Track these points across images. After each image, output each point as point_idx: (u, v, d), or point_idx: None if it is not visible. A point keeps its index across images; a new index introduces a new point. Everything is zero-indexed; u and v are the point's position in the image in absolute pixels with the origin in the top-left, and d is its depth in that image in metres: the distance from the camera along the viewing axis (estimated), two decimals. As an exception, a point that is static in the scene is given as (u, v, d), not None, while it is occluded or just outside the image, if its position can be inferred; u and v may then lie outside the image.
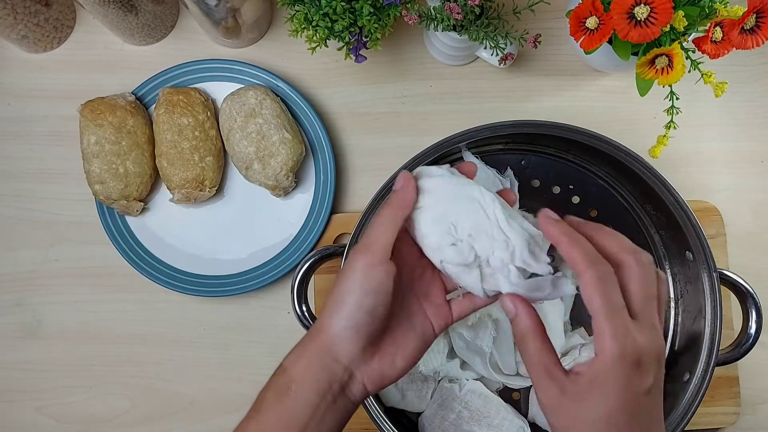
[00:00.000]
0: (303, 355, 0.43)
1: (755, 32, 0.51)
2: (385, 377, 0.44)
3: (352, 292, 0.42)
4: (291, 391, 0.42)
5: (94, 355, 0.72)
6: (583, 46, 0.55)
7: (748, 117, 0.74)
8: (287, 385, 0.42)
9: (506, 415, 0.63)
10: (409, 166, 0.61)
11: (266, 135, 0.68)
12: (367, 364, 0.43)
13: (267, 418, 0.42)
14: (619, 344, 0.38)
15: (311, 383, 0.42)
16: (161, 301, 0.72)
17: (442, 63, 0.74)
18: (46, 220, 0.74)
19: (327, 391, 0.42)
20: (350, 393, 0.43)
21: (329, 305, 0.43)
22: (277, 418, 0.42)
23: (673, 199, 0.60)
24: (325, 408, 0.42)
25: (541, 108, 0.74)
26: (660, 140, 0.56)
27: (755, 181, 0.73)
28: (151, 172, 0.71)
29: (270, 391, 0.43)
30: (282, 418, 0.42)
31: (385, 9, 0.60)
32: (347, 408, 0.44)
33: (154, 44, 0.76)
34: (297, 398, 0.42)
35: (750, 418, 0.70)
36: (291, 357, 0.44)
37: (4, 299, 0.73)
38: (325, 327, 0.43)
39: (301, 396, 0.42)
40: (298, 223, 0.71)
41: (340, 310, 0.42)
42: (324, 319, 0.43)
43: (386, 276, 0.42)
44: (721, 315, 0.59)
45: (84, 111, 0.69)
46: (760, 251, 0.72)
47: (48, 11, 0.71)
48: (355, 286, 0.42)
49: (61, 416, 0.72)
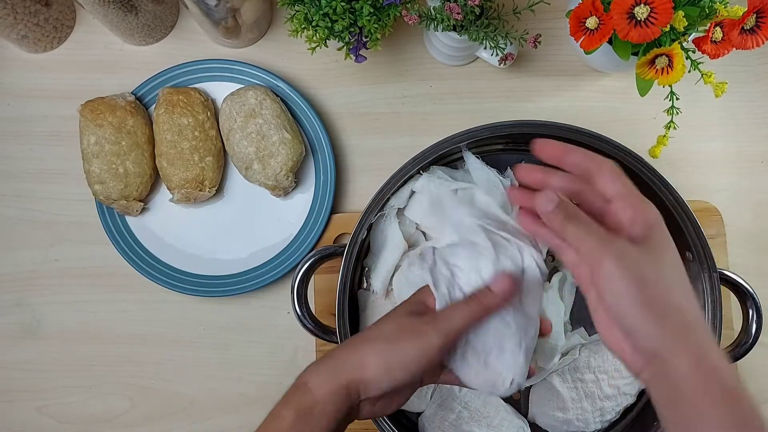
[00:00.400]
0: (332, 384, 0.44)
1: (755, 32, 0.51)
2: (382, 414, 0.47)
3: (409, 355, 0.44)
4: (314, 414, 0.43)
5: (94, 355, 0.72)
6: (583, 46, 0.55)
7: (748, 117, 0.74)
8: (311, 407, 0.43)
9: (506, 415, 0.63)
10: (409, 166, 0.61)
11: (266, 135, 0.68)
12: (371, 403, 0.46)
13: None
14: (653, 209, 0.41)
15: (331, 414, 0.43)
16: (161, 301, 0.72)
17: (442, 63, 0.74)
18: (46, 220, 0.74)
19: (342, 421, 0.44)
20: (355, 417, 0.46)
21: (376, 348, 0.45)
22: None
23: (673, 199, 0.60)
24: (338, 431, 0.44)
25: (541, 108, 0.74)
26: (660, 140, 0.56)
27: (755, 181, 0.73)
28: (150, 172, 0.71)
29: (292, 408, 0.43)
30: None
31: (385, 9, 0.60)
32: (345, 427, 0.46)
33: (154, 44, 0.76)
34: (319, 423, 0.43)
35: (750, 418, 0.70)
36: (316, 378, 0.44)
37: (4, 299, 0.73)
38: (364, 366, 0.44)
39: (322, 421, 0.43)
40: (298, 223, 0.71)
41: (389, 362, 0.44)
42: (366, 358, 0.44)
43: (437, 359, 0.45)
44: (721, 315, 0.59)
45: (84, 111, 0.69)
46: (760, 251, 0.72)
47: (48, 11, 0.71)
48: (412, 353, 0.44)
49: (61, 416, 0.72)
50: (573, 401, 0.63)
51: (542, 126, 0.62)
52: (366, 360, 0.44)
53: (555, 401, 0.64)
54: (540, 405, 0.65)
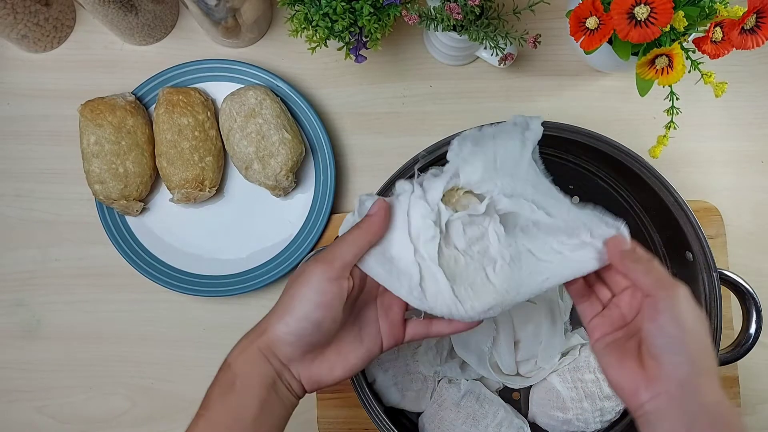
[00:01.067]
0: (246, 352, 0.44)
1: (755, 32, 0.51)
2: (322, 382, 0.46)
3: (303, 300, 0.43)
4: (236, 387, 0.44)
5: (94, 355, 0.72)
6: (583, 46, 0.55)
7: (748, 117, 0.74)
8: (232, 380, 0.44)
9: (506, 415, 0.63)
10: (408, 166, 0.61)
11: (266, 135, 0.68)
12: (305, 367, 0.45)
13: (215, 413, 0.44)
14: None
15: (254, 379, 0.44)
16: (161, 301, 0.72)
17: (442, 63, 0.74)
18: (46, 220, 0.74)
19: (270, 386, 0.44)
20: (291, 389, 0.45)
21: (278, 307, 0.45)
22: (225, 412, 0.43)
23: (673, 199, 0.60)
24: (269, 401, 0.44)
25: (541, 108, 0.74)
26: (660, 140, 0.56)
27: (755, 181, 0.73)
28: (150, 172, 0.71)
29: (216, 387, 0.45)
30: (229, 412, 0.43)
31: (385, 9, 0.60)
32: (290, 401, 0.46)
33: (154, 44, 0.76)
34: (242, 393, 0.43)
35: (750, 418, 0.70)
36: (234, 352, 0.45)
37: (4, 299, 0.73)
38: (270, 328, 0.44)
39: (245, 391, 0.43)
40: (298, 223, 0.71)
41: (287, 316, 0.44)
42: (270, 320, 0.44)
43: (339, 292, 0.44)
44: (721, 315, 0.59)
45: (84, 111, 0.69)
46: (760, 251, 0.72)
47: (48, 11, 0.71)
48: (307, 296, 0.43)
49: (61, 416, 0.72)
50: (573, 401, 0.63)
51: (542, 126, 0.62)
52: (269, 319, 0.45)
53: (555, 401, 0.64)
54: (540, 405, 0.65)
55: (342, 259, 0.44)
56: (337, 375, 0.46)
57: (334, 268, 0.44)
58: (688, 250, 0.61)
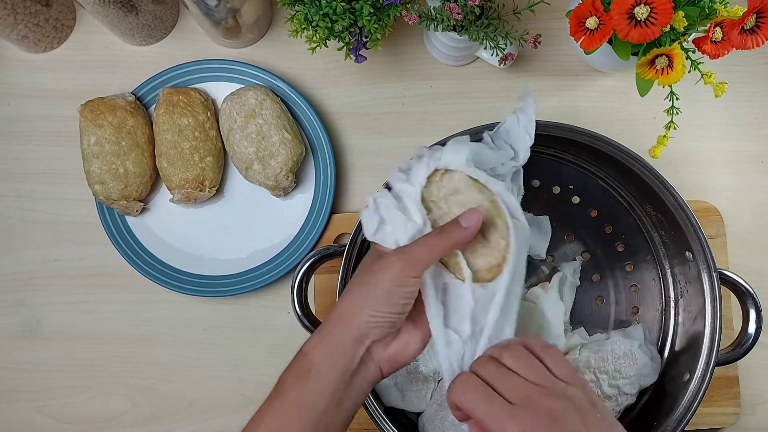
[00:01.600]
0: (324, 341, 0.45)
1: (755, 32, 0.51)
2: (399, 361, 0.47)
3: (384, 290, 0.45)
4: (311, 375, 0.44)
5: (94, 355, 0.72)
6: (583, 46, 0.55)
7: (748, 117, 0.74)
8: (307, 369, 0.44)
9: (506, 415, 0.63)
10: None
11: (266, 135, 0.68)
12: (384, 349, 0.46)
13: (287, 400, 0.44)
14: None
15: (331, 368, 0.44)
16: (161, 301, 0.72)
17: (442, 63, 0.74)
18: (46, 220, 0.74)
19: (345, 376, 0.45)
20: (367, 375, 0.46)
21: (354, 295, 0.46)
22: (297, 400, 0.44)
23: (673, 199, 0.60)
24: (343, 392, 0.45)
25: (541, 108, 0.73)
26: (660, 140, 0.56)
27: (755, 181, 0.73)
28: (151, 172, 0.71)
29: (290, 374, 0.45)
30: (302, 400, 0.44)
31: (385, 9, 0.60)
32: (363, 390, 0.46)
33: (154, 44, 0.76)
34: (317, 382, 0.44)
35: (750, 418, 0.70)
36: (311, 342, 0.46)
37: (4, 299, 0.73)
38: (350, 315, 0.45)
39: (320, 380, 0.44)
40: (298, 223, 0.71)
41: (368, 303, 0.45)
42: (349, 308, 0.46)
43: (415, 288, 0.46)
44: (721, 315, 0.59)
45: (84, 111, 0.69)
46: (760, 251, 0.72)
47: (48, 11, 0.71)
48: (386, 286, 0.45)
49: (61, 416, 0.72)
50: (573, 401, 0.63)
51: (542, 126, 0.62)
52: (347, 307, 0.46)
53: (555, 401, 0.64)
54: (540, 405, 0.65)
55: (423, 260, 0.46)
56: (411, 351, 0.48)
57: (415, 268, 0.45)
58: (688, 250, 0.61)
